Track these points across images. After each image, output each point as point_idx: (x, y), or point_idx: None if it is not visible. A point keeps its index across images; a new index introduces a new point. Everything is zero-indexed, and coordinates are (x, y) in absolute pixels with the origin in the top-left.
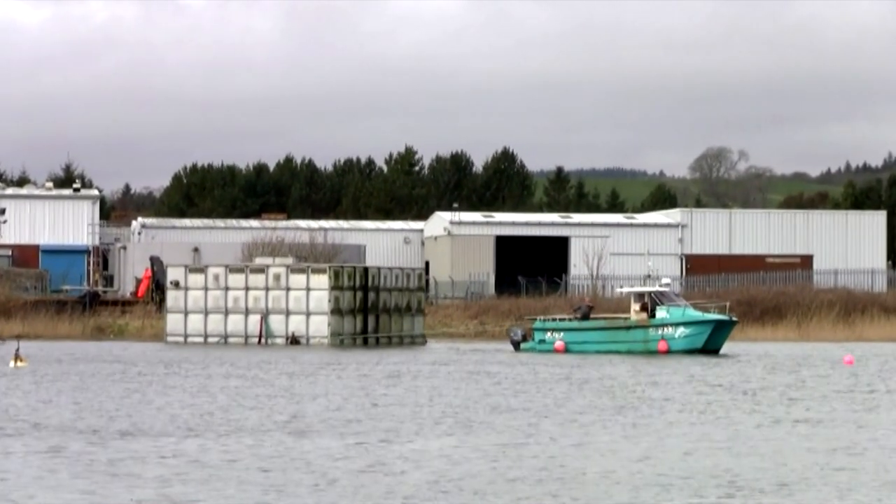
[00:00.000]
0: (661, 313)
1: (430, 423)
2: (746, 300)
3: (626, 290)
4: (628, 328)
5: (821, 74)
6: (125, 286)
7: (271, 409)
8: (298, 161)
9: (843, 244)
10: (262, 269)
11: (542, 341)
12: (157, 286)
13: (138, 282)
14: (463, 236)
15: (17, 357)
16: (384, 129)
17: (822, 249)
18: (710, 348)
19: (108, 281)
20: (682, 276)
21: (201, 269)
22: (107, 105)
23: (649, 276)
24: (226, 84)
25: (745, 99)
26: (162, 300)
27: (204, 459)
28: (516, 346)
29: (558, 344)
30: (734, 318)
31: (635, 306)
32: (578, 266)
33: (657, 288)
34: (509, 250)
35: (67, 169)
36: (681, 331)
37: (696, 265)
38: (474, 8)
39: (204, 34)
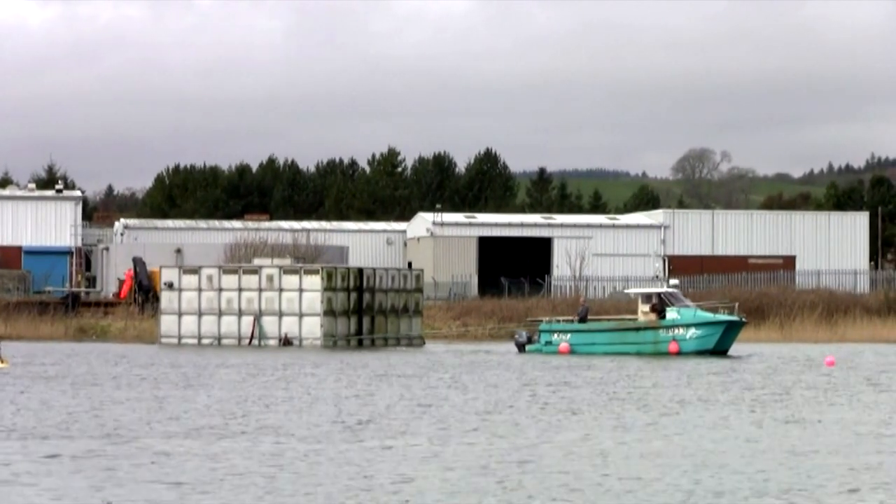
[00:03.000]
0: (671, 314)
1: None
2: (729, 301)
3: (633, 291)
4: (637, 329)
5: (804, 76)
6: (108, 287)
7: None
8: (281, 162)
9: (826, 245)
10: (255, 271)
11: (548, 343)
12: (139, 287)
13: (121, 283)
14: (445, 237)
15: None
16: (374, 131)
17: (804, 250)
18: (719, 349)
19: (91, 282)
20: (665, 277)
21: (195, 271)
22: (96, 106)
23: (657, 276)
24: (226, 85)
25: (728, 101)
26: (145, 301)
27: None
28: (521, 347)
29: (563, 346)
30: (744, 319)
31: (644, 307)
32: (561, 267)
33: (667, 289)
34: (492, 251)
35: (50, 170)
36: (692, 332)
37: (679, 266)
38: (480, 8)
39: (210, 34)
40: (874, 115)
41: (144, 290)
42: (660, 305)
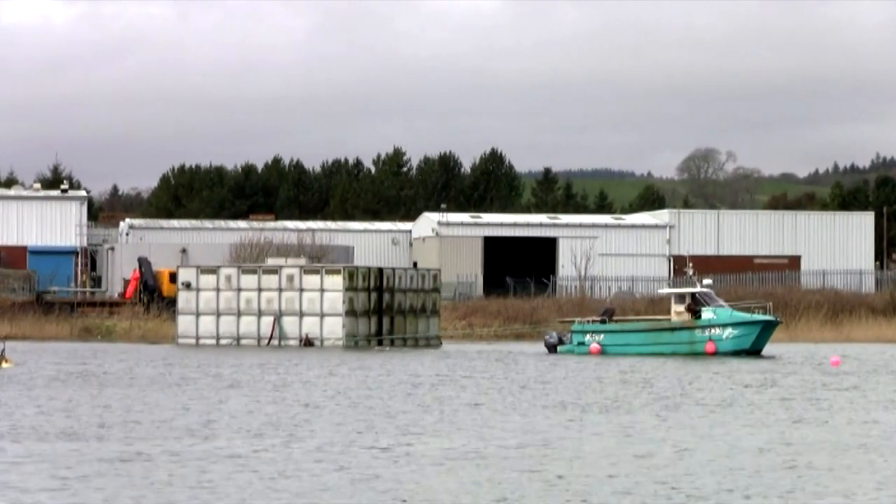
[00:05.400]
0: (707, 314)
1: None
2: (734, 301)
3: (666, 290)
4: (673, 329)
5: (809, 77)
6: (113, 287)
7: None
8: (287, 162)
9: (831, 245)
10: (274, 270)
11: (580, 343)
12: (144, 287)
13: (126, 283)
14: (451, 237)
15: (2, 358)
16: (380, 131)
17: (809, 250)
18: (754, 349)
19: (96, 282)
20: (669, 278)
21: (213, 270)
22: (105, 106)
23: (690, 276)
24: (241, 85)
25: (733, 101)
26: (150, 301)
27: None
28: (552, 348)
29: (594, 346)
30: (779, 319)
31: (677, 307)
32: (566, 267)
33: (701, 289)
34: (497, 251)
35: (55, 170)
36: (729, 332)
37: (683, 266)
38: (507, 7)
39: (233, 34)
40: (880, 115)
41: (150, 290)
42: (694, 305)
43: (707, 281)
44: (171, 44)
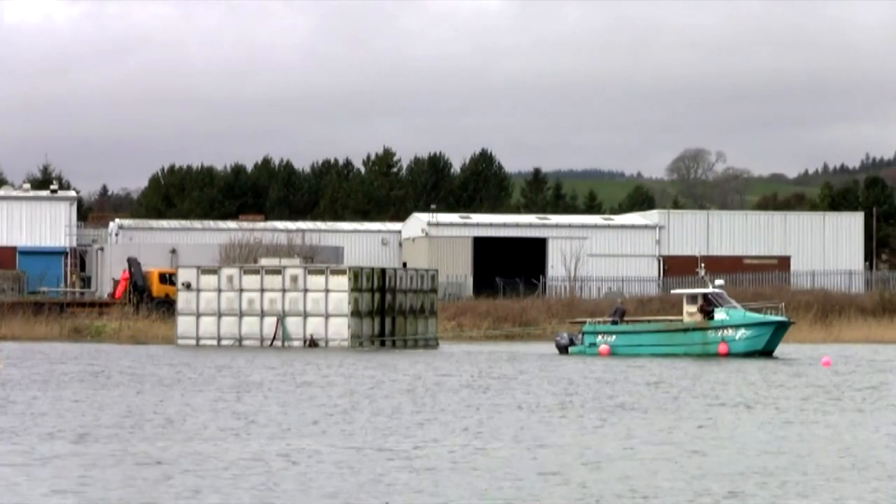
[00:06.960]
0: (720, 315)
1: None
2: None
3: (678, 291)
4: (686, 330)
5: (799, 78)
6: (102, 287)
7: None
8: (276, 162)
9: (821, 245)
10: (278, 271)
11: (592, 345)
12: (134, 288)
13: (115, 283)
14: (440, 237)
15: None
16: (370, 131)
17: (799, 251)
18: (766, 350)
19: (86, 282)
20: (659, 278)
21: (214, 271)
22: (97, 106)
23: (703, 276)
24: (237, 85)
25: (724, 102)
26: (139, 302)
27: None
28: (563, 349)
29: (603, 347)
30: (792, 320)
31: (690, 308)
32: (556, 267)
33: (713, 290)
34: (487, 251)
35: (45, 170)
36: (742, 332)
37: (674, 266)
38: (513, 7)
39: (236, 33)
40: (869, 115)
41: (139, 291)
42: (707, 306)
43: (719, 282)
44: (174, 44)
